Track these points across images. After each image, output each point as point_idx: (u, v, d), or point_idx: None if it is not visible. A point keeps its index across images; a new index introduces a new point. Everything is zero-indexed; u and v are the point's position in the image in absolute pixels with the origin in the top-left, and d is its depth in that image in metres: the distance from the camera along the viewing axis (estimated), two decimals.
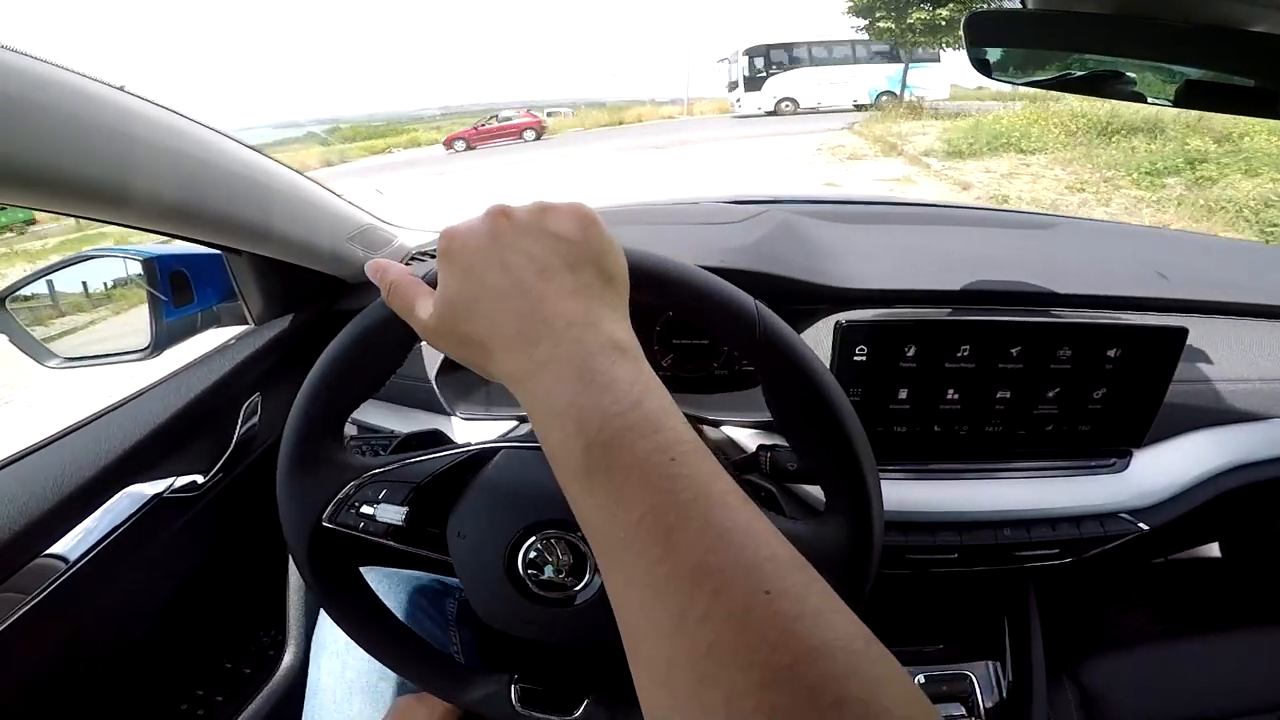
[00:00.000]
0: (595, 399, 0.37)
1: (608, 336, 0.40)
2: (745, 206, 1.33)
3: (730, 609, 0.30)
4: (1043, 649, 1.08)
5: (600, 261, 0.43)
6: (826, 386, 0.58)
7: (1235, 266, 1.33)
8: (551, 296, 0.41)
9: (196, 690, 1.08)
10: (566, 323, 0.40)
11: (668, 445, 0.35)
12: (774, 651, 0.29)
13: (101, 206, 0.71)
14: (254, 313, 1.08)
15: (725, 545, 0.32)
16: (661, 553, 0.32)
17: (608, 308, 0.42)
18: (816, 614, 0.31)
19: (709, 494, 0.34)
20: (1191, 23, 0.60)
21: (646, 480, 0.34)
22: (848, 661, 0.29)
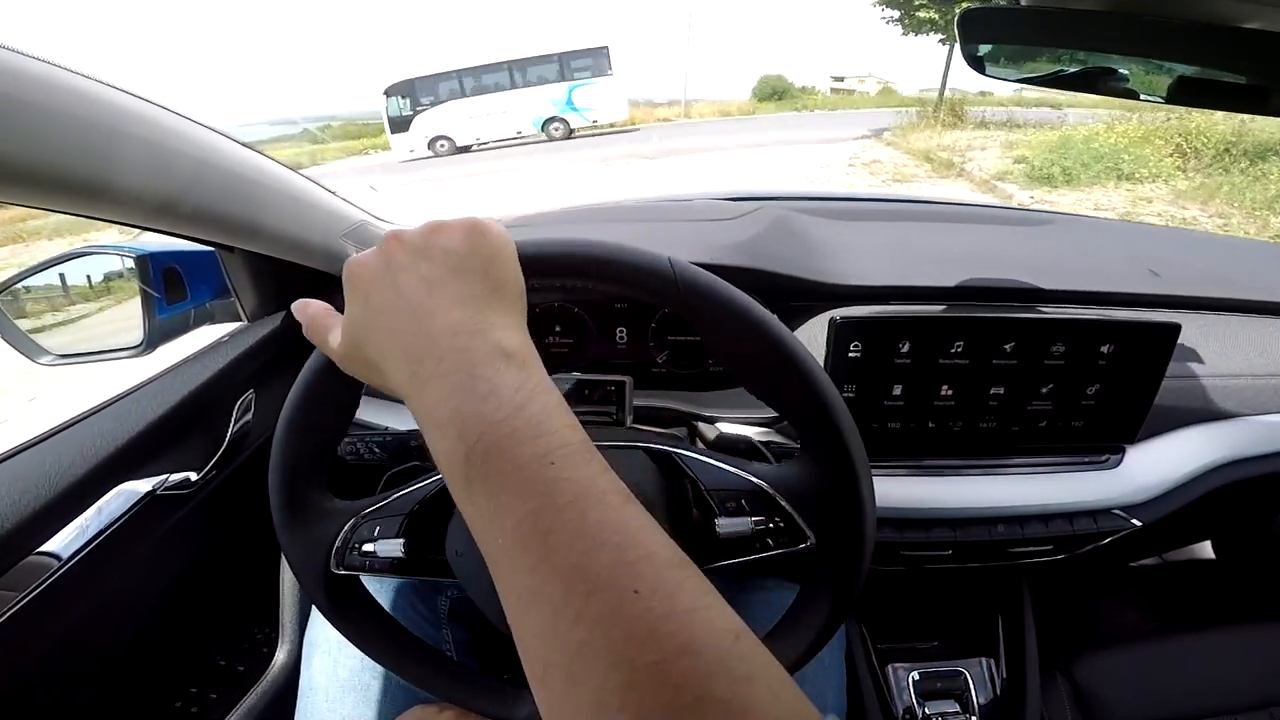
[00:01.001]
0: (477, 407, 0.38)
1: (495, 344, 0.40)
2: (740, 203, 1.33)
3: (600, 610, 0.31)
4: (1036, 646, 1.09)
5: (488, 270, 0.44)
6: (762, 321, 0.57)
7: (1228, 262, 1.34)
8: (439, 310, 0.42)
9: (190, 688, 1.08)
10: (453, 333, 0.41)
11: (548, 449, 0.36)
12: (640, 650, 0.30)
13: (93, 203, 0.71)
14: (247, 309, 1.08)
15: (599, 546, 0.33)
16: (538, 557, 0.33)
17: (497, 314, 0.43)
18: (687, 612, 0.32)
19: (587, 495, 0.35)
20: (1184, 19, 0.60)
21: (524, 485, 0.35)
22: (714, 659, 0.30)
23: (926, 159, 12.36)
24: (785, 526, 0.62)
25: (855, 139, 16.34)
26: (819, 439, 0.59)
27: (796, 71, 57.48)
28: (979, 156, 11.66)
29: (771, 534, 0.62)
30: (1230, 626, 1.14)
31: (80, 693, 0.87)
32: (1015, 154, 10.88)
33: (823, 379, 0.57)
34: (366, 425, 1.10)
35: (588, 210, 1.48)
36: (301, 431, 0.61)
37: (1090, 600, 1.71)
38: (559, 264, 0.55)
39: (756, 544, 0.62)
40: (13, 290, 1.02)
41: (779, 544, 0.62)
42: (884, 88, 43.53)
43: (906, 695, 1.10)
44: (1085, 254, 1.27)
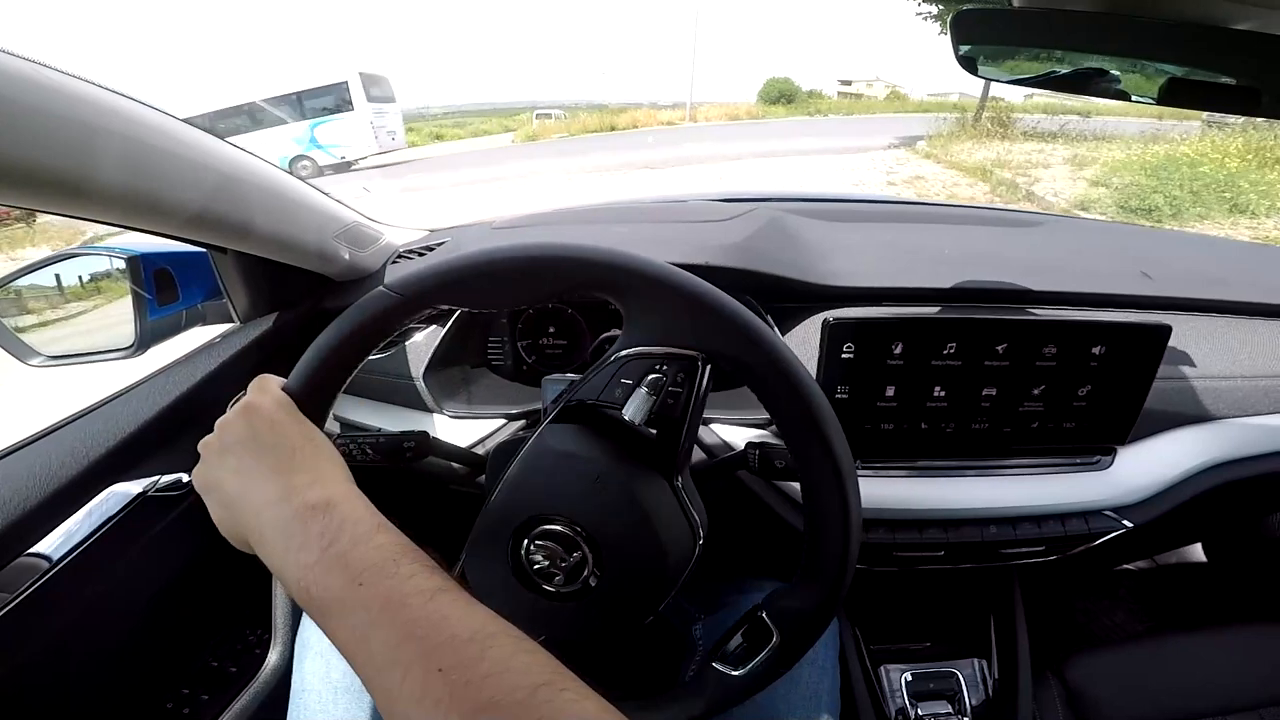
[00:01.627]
0: (294, 559, 0.46)
1: (300, 503, 0.49)
2: (733, 204, 1.33)
3: (414, 688, 0.39)
4: (1028, 646, 1.09)
5: (275, 439, 0.53)
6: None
7: (1219, 264, 1.34)
8: (249, 492, 0.51)
9: (182, 688, 1.07)
10: (266, 504, 0.50)
11: (356, 574, 0.44)
12: (444, 715, 0.37)
13: (85, 204, 0.70)
14: (239, 311, 1.08)
15: (407, 640, 0.41)
16: (365, 657, 0.42)
17: (299, 475, 0.51)
18: (484, 678, 0.38)
19: (391, 603, 0.43)
20: (1175, 21, 0.61)
21: (342, 608, 0.44)
22: (508, 713, 0.37)
23: (980, 176, 10.92)
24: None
25: (884, 149, 15.17)
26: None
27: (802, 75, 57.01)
28: (1044, 176, 10.36)
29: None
30: (1221, 627, 1.14)
31: (72, 694, 0.87)
32: (1089, 174, 9.60)
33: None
34: (359, 426, 1.09)
35: (580, 212, 1.48)
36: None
37: (1082, 601, 1.71)
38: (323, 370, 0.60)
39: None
40: (3, 291, 1.02)
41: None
42: (892, 91, 43.04)
43: (899, 696, 1.10)
44: (1077, 255, 1.27)
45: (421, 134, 27.91)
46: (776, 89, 40.02)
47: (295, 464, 0.52)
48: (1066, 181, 9.89)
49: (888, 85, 46.62)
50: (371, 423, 1.09)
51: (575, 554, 0.62)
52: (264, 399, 0.56)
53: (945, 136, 14.88)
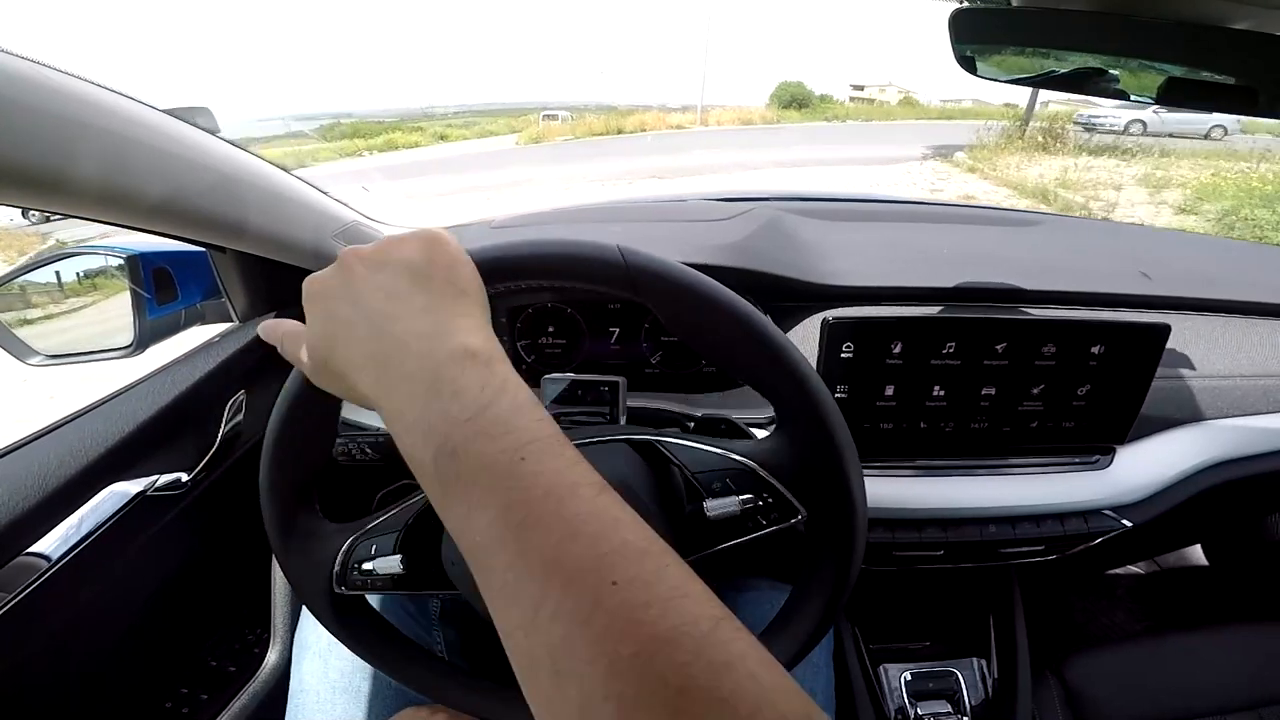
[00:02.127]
0: (443, 409, 0.38)
1: (458, 345, 0.40)
2: (732, 204, 1.33)
3: (578, 603, 0.31)
4: (1028, 646, 1.09)
5: (450, 276, 0.45)
6: (714, 294, 0.57)
7: (1217, 263, 1.34)
8: (401, 317, 0.42)
9: (180, 688, 1.07)
10: (416, 338, 0.41)
11: (518, 445, 0.36)
12: (620, 641, 0.30)
13: (82, 204, 0.70)
14: (238, 310, 1.08)
15: (574, 539, 0.33)
16: (513, 553, 0.33)
17: (461, 317, 0.43)
18: (664, 601, 0.31)
19: (559, 488, 0.35)
20: (1172, 20, 0.61)
21: (495, 482, 0.35)
22: (692, 647, 0.30)
23: (1041, 198, 9.89)
24: (774, 502, 0.61)
25: (918, 160, 14.14)
26: (792, 408, 0.59)
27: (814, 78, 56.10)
28: (1117, 199, 9.32)
29: (762, 511, 0.61)
30: (1220, 627, 1.14)
31: (70, 693, 0.87)
32: (1172, 198, 8.60)
33: (785, 344, 0.57)
34: (359, 426, 1.09)
35: (581, 210, 1.48)
36: (285, 458, 0.61)
37: (1081, 601, 1.71)
38: (514, 266, 0.56)
39: (748, 523, 0.62)
40: (2, 290, 1.02)
41: (770, 521, 0.62)
42: (905, 97, 42.70)
43: (898, 695, 1.10)
44: (1076, 254, 1.27)
45: (427, 134, 27.42)
46: (789, 93, 39.21)
47: (460, 306, 0.44)
48: (1147, 207, 8.84)
49: (900, 90, 46.14)
50: (371, 423, 1.09)
51: None
52: (449, 238, 0.47)
53: (988, 149, 13.76)
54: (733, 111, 31.64)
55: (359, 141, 25.70)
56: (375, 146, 24.69)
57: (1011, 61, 0.75)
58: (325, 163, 20.81)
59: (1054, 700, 1.02)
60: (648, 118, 28.16)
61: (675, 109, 34.68)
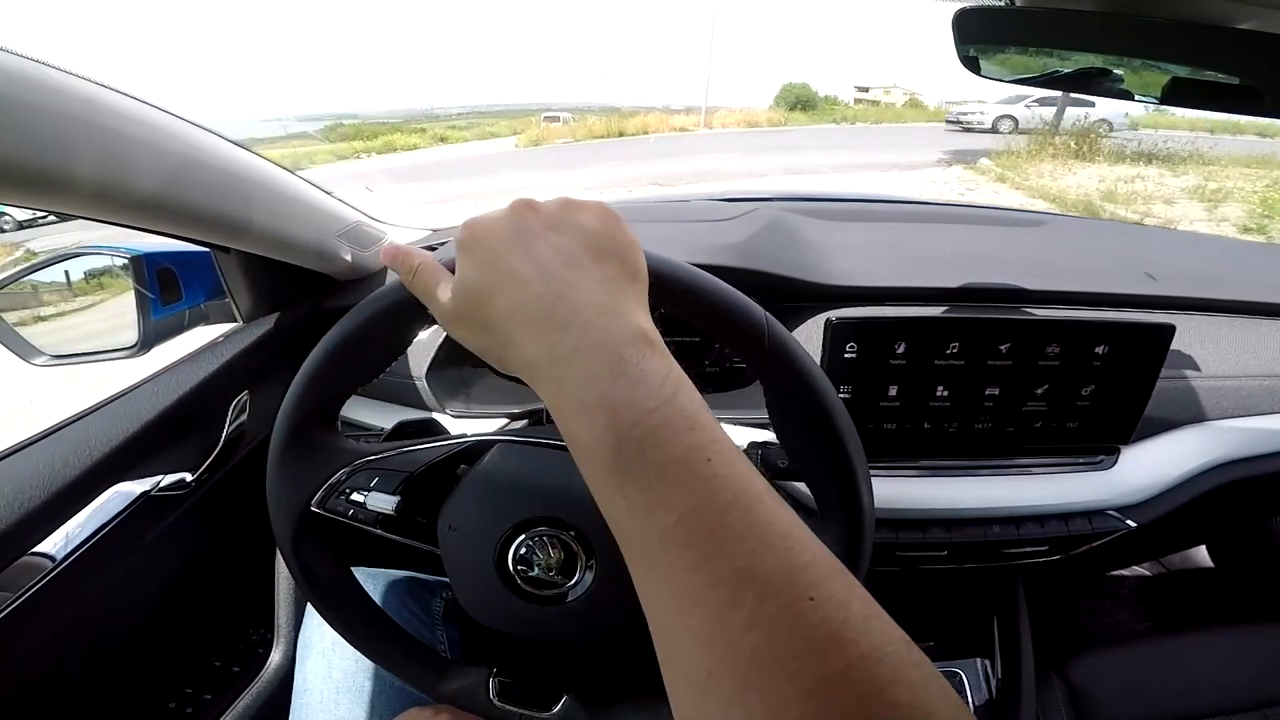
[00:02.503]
0: (628, 392, 0.36)
1: (637, 327, 0.39)
2: (736, 204, 1.33)
3: (774, 615, 0.29)
4: (1032, 646, 1.09)
5: (625, 256, 0.43)
6: (829, 402, 0.57)
7: (1222, 263, 1.34)
8: (579, 284, 0.40)
9: (185, 688, 1.08)
10: (595, 310, 0.39)
11: (704, 444, 0.34)
12: (823, 658, 0.28)
13: (86, 203, 0.70)
14: (242, 310, 1.08)
15: (766, 549, 0.31)
16: (700, 557, 0.32)
17: (634, 300, 0.42)
18: (863, 619, 0.30)
19: (748, 495, 0.33)
20: (1177, 20, 0.61)
21: (684, 480, 0.33)
22: (894, 666, 0.29)
23: (1084, 211, 8.66)
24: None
25: (938, 165, 13.22)
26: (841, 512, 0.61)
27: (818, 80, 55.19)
28: (1171, 215, 8.50)
29: None
30: (1224, 627, 1.14)
31: (74, 693, 0.87)
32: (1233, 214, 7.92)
33: (865, 474, 0.59)
34: (361, 426, 1.09)
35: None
36: (347, 356, 0.59)
37: (1085, 601, 1.71)
38: (667, 280, 0.54)
39: None
40: (6, 290, 1.02)
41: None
42: (910, 98, 42.30)
43: None
44: (1080, 255, 1.27)
45: (426, 136, 26.96)
46: (794, 94, 38.53)
47: (633, 289, 0.43)
48: (1206, 225, 7.98)
49: (905, 92, 45.63)
50: (374, 422, 1.09)
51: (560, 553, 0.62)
52: (623, 219, 0.46)
53: (1016, 156, 12.60)
54: (737, 113, 30.58)
55: (357, 144, 25.00)
56: (374, 149, 24.06)
57: (1015, 61, 0.75)
58: (321, 165, 20.23)
59: (1058, 700, 1.02)
60: (650, 119, 27.36)
61: (679, 110, 33.67)
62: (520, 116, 27.54)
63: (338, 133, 28.04)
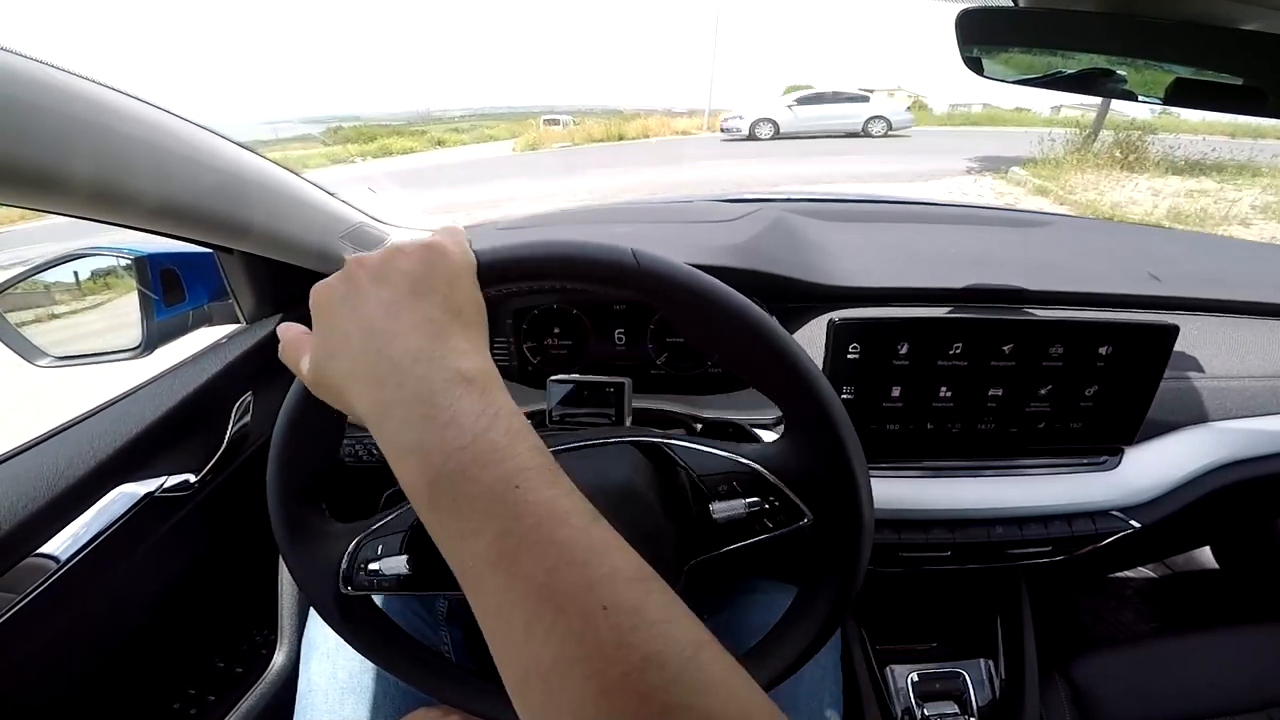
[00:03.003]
0: (438, 435, 0.38)
1: (454, 370, 0.41)
2: (738, 205, 1.33)
3: (570, 625, 0.33)
4: (1035, 647, 1.09)
5: (448, 294, 0.45)
6: (724, 297, 0.57)
7: (1225, 263, 1.34)
8: (399, 333, 0.42)
9: (188, 689, 1.08)
10: (413, 359, 0.41)
11: (512, 473, 0.37)
12: (610, 663, 0.32)
13: (90, 205, 0.71)
14: (245, 311, 1.08)
15: (566, 565, 0.35)
16: (507, 578, 0.35)
17: (456, 338, 0.43)
18: (650, 625, 0.33)
19: (552, 517, 0.36)
20: (1181, 21, 0.61)
21: (490, 509, 0.36)
22: (676, 669, 0.32)
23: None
24: (780, 505, 0.61)
25: (964, 174, 12.03)
26: (800, 411, 0.59)
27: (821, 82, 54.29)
28: (1253, 238, 7.33)
29: (768, 514, 0.61)
30: (1228, 628, 1.14)
31: (78, 694, 0.87)
32: None
33: (794, 348, 0.57)
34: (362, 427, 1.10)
35: (587, 212, 1.49)
36: (291, 459, 0.62)
37: (1089, 601, 1.71)
38: (525, 267, 0.55)
39: (754, 526, 0.62)
40: (10, 292, 1.02)
41: (777, 524, 0.62)
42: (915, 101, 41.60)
43: (905, 696, 1.10)
44: (1083, 255, 1.27)
45: (424, 140, 26.04)
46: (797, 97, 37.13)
47: (457, 326, 0.44)
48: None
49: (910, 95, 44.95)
50: None
51: None
52: (453, 247, 0.48)
53: (1052, 165, 11.48)
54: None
55: (351, 148, 24.47)
56: (369, 152, 23.49)
57: (1018, 62, 0.75)
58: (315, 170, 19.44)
59: (1061, 701, 1.02)
60: (651, 122, 26.35)
61: (681, 113, 32.23)
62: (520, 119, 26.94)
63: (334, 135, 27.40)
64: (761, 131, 17.34)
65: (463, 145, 25.26)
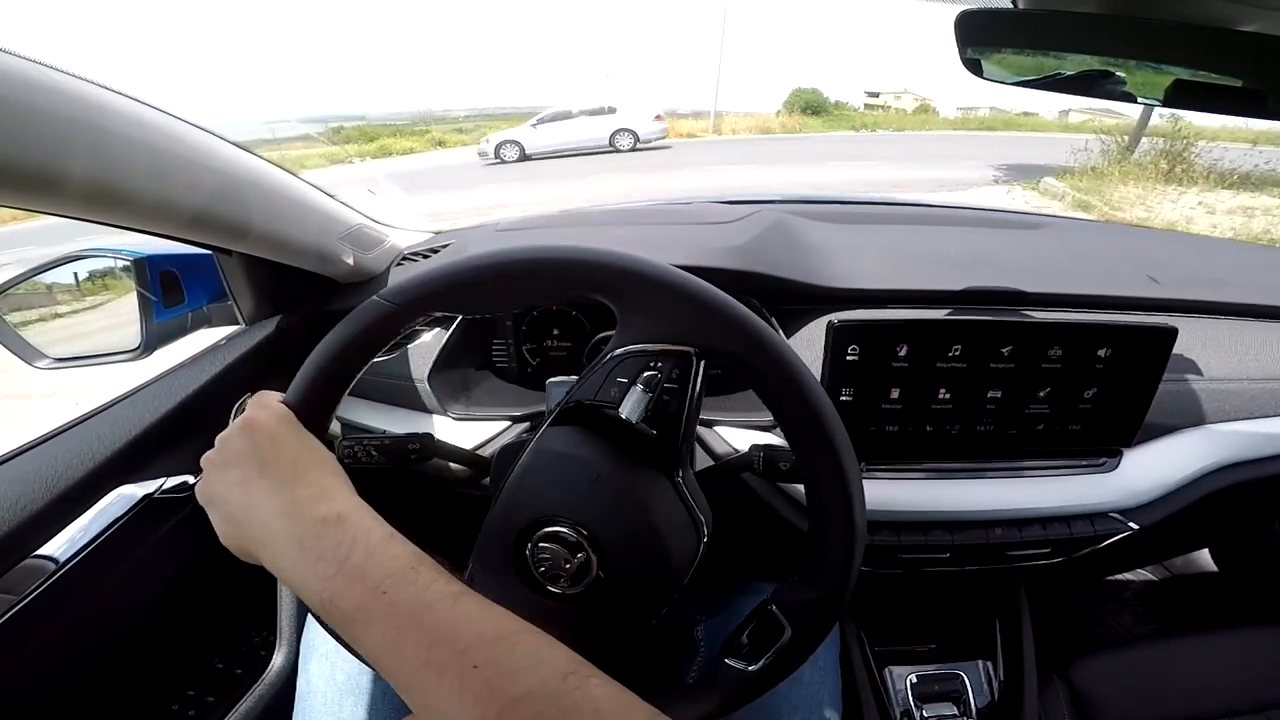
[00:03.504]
0: (311, 570, 0.48)
1: (310, 516, 0.50)
2: (737, 206, 1.33)
3: (452, 686, 0.41)
4: (1034, 648, 1.09)
5: (278, 455, 0.54)
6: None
7: (1224, 266, 1.34)
8: (258, 503, 0.52)
9: (188, 690, 1.08)
10: (275, 517, 0.51)
11: (377, 583, 0.46)
12: (486, 707, 0.40)
13: (85, 206, 0.70)
14: (245, 313, 1.08)
15: (437, 644, 0.43)
16: (398, 660, 0.44)
17: (303, 488, 0.52)
18: (517, 670, 0.41)
19: (419, 608, 0.45)
20: (1180, 22, 0.61)
21: (368, 616, 0.45)
22: (543, 701, 0.40)
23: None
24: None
25: (993, 184, 11.14)
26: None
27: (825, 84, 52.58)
28: None
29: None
30: (1227, 630, 1.14)
31: (77, 695, 0.87)
32: None
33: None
34: (363, 428, 1.10)
35: (582, 214, 1.49)
36: None
37: (1088, 604, 1.71)
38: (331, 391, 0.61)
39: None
40: (9, 293, 1.02)
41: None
42: (921, 104, 40.94)
43: (904, 698, 1.10)
44: (1081, 257, 1.27)
45: (424, 140, 25.28)
46: (803, 99, 35.10)
47: (299, 478, 0.53)
48: None
49: (916, 98, 44.29)
50: (375, 424, 1.09)
51: (579, 555, 0.61)
52: (263, 414, 0.57)
53: (1092, 176, 10.40)
54: (749, 119, 27.81)
55: (350, 148, 23.14)
56: (369, 152, 22.66)
57: (1017, 63, 0.75)
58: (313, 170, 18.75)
59: (1060, 702, 1.02)
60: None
61: (685, 115, 30.40)
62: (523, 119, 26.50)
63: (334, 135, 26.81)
64: (507, 154, 16.42)
65: (464, 146, 24.47)
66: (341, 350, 0.60)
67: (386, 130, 26.75)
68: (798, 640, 0.62)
